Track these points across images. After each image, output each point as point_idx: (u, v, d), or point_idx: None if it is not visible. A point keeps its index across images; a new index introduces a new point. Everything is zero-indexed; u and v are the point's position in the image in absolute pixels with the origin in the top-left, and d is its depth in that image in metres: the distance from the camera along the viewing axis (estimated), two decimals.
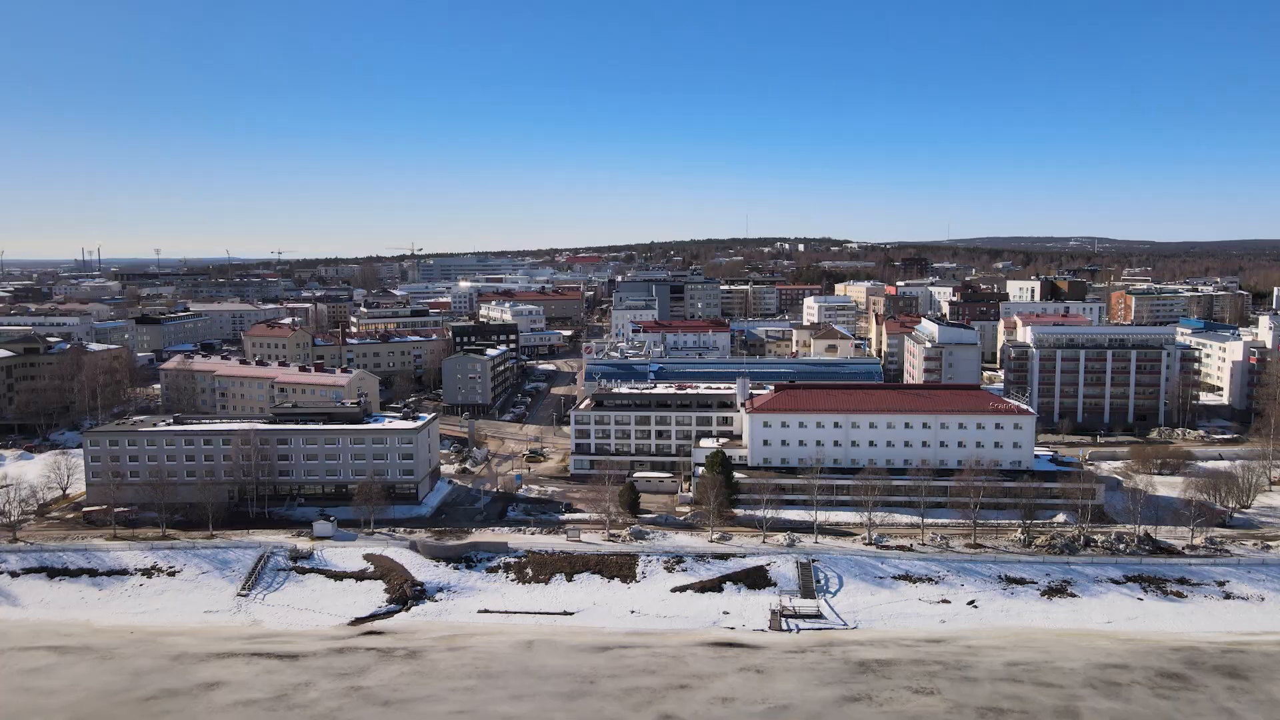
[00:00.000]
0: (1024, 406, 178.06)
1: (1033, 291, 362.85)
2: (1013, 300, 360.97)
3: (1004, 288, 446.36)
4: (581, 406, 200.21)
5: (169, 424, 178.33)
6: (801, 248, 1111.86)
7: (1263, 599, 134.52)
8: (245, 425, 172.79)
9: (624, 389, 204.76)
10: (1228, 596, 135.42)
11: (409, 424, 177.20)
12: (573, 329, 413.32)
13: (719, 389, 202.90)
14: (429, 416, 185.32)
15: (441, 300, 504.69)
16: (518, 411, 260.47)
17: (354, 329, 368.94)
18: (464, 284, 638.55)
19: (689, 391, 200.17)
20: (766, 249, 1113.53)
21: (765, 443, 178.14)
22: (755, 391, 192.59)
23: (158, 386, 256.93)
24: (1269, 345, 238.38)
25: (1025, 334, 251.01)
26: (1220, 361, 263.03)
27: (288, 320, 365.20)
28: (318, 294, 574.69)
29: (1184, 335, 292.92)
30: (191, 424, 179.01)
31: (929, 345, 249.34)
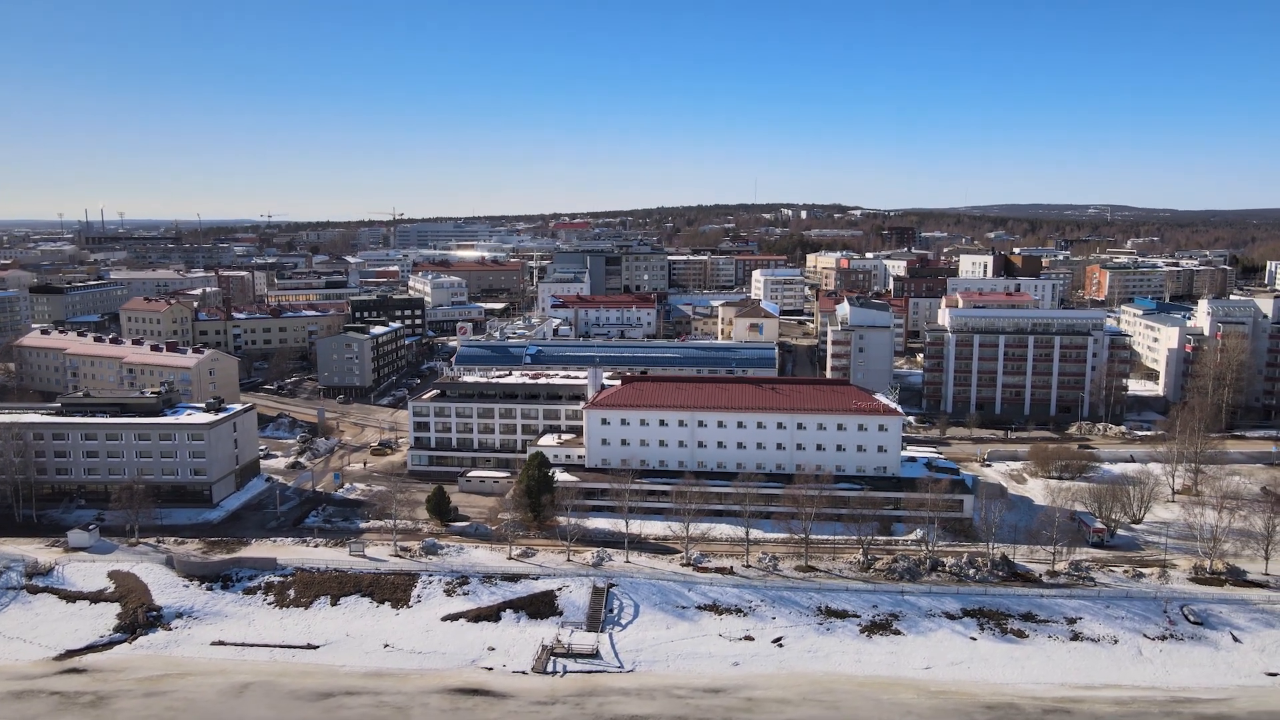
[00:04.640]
0: (892, 405, 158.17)
1: (985, 266, 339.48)
2: (963, 275, 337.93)
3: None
4: (425, 396, 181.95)
5: None
6: (804, 214, 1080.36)
7: (1115, 641, 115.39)
8: (10, 418, 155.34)
9: (474, 376, 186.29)
10: (1076, 637, 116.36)
11: (208, 416, 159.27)
12: (508, 301, 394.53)
13: (582, 378, 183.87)
14: (238, 408, 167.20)
15: (390, 269, 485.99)
16: (399, 395, 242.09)
17: (266, 300, 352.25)
18: (424, 251, 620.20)
19: (539, 381, 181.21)
20: (768, 215, 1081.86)
21: (604, 442, 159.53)
22: (609, 382, 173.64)
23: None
24: (1206, 332, 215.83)
25: (944, 316, 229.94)
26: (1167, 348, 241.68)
27: (197, 291, 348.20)
28: (267, 261, 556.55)
29: (1134, 317, 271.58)
30: None
31: (839, 327, 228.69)
